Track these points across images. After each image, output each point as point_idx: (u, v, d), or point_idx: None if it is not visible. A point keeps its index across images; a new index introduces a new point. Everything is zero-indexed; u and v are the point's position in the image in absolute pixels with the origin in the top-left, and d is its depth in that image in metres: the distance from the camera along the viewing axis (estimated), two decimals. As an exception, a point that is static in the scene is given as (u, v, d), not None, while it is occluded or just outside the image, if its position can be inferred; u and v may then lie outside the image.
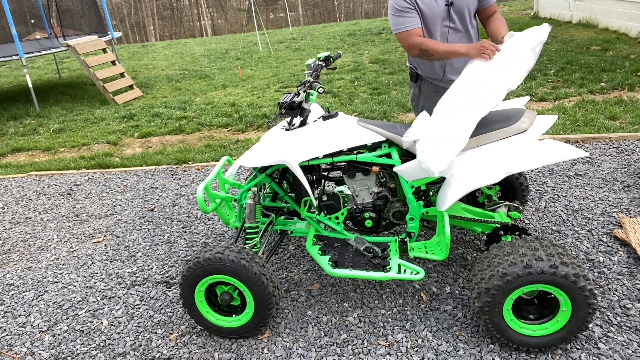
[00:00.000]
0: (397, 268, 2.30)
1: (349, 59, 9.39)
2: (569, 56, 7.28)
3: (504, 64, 2.15)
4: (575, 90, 5.80)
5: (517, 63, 2.13)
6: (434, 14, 2.55)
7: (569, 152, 2.09)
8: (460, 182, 2.19)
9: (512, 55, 2.16)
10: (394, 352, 2.21)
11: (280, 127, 2.55)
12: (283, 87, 7.76)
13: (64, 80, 10.33)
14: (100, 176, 4.76)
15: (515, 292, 1.99)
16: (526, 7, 13.49)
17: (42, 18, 10.62)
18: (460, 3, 2.55)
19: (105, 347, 2.43)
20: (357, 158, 2.41)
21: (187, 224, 3.60)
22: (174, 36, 33.75)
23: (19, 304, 2.85)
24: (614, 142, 4.19)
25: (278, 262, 3.00)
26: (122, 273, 3.06)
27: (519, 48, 2.17)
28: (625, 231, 2.85)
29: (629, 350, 2.09)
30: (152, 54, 13.31)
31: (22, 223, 3.92)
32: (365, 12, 33.62)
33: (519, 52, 2.15)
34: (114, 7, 33.45)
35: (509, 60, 2.15)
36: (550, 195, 3.44)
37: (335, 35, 12.93)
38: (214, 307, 2.34)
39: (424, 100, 2.88)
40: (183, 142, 5.64)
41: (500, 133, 2.20)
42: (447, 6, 2.54)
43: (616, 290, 2.44)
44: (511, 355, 2.12)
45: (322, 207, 2.53)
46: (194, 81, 9.01)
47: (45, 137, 6.31)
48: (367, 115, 5.76)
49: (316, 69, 2.57)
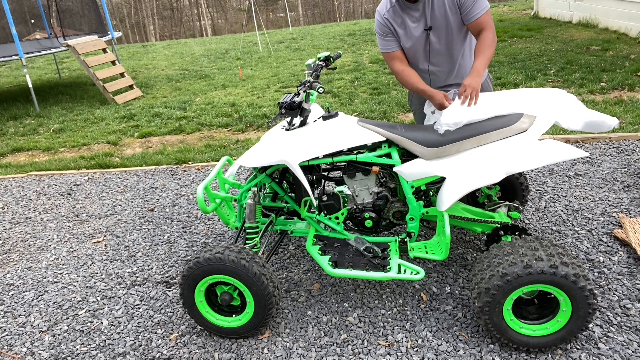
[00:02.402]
0: (397, 268, 2.30)
1: (349, 59, 9.39)
2: (569, 56, 7.28)
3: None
4: (575, 90, 5.80)
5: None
6: (414, 38, 2.59)
7: (569, 152, 2.09)
8: (460, 182, 2.19)
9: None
10: (394, 352, 2.21)
11: (280, 127, 2.55)
12: (283, 87, 7.76)
13: (64, 80, 10.33)
14: (100, 176, 4.76)
15: (515, 292, 1.99)
16: (526, 7, 13.49)
17: (42, 18, 10.62)
18: (438, 26, 2.53)
19: (105, 347, 2.43)
20: (357, 158, 2.41)
21: (187, 224, 3.60)
22: (174, 36, 33.75)
23: (19, 304, 2.85)
24: (614, 142, 4.19)
25: (278, 262, 3.00)
26: (122, 273, 3.06)
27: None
28: (625, 231, 2.85)
29: (629, 350, 2.09)
30: (152, 54, 13.31)
31: (22, 223, 3.92)
32: (365, 12, 33.61)
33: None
34: (114, 7, 33.45)
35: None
36: (550, 195, 3.44)
37: (335, 35, 12.93)
38: (214, 307, 2.34)
39: (422, 101, 2.89)
40: (183, 142, 5.64)
41: (500, 133, 2.20)
42: (425, 30, 2.56)
43: (616, 290, 2.44)
44: (511, 355, 2.12)
45: (322, 207, 2.53)
46: (194, 81, 9.01)
47: (45, 137, 6.31)
48: (367, 115, 5.76)
49: (316, 69, 2.57)
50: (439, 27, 2.53)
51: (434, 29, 2.54)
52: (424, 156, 2.30)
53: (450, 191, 2.21)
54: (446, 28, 2.53)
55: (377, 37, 2.70)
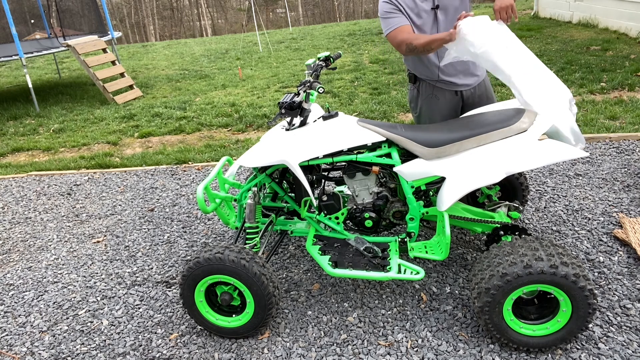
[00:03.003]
0: (397, 268, 2.30)
1: (349, 59, 9.39)
2: (569, 56, 7.28)
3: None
4: (575, 90, 5.80)
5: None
6: (423, 16, 2.60)
7: (569, 152, 2.09)
8: (460, 182, 2.19)
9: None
10: (394, 352, 2.21)
11: (280, 127, 2.55)
12: (283, 87, 7.76)
13: (64, 80, 10.33)
14: (100, 176, 4.76)
15: (515, 292, 1.99)
16: (526, 7, 13.49)
17: (42, 18, 10.62)
18: (445, 4, 2.58)
19: (105, 347, 2.43)
20: (357, 158, 2.41)
21: (187, 224, 3.60)
22: (174, 36, 33.75)
23: (19, 304, 2.85)
24: (614, 142, 4.19)
25: (278, 262, 3.00)
26: (122, 273, 3.06)
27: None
28: (625, 231, 2.85)
29: (629, 350, 2.09)
30: (152, 54, 13.31)
31: (22, 223, 3.92)
32: (365, 12, 33.61)
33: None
34: (114, 7, 33.45)
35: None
36: (550, 195, 3.44)
37: (335, 35, 12.93)
38: (214, 307, 2.34)
39: (422, 102, 2.89)
40: (183, 142, 5.64)
41: (500, 133, 2.20)
42: (432, 9, 2.59)
43: (616, 290, 2.44)
44: (511, 355, 2.12)
45: (322, 207, 2.53)
46: (194, 81, 9.01)
47: (45, 137, 6.31)
48: (367, 115, 5.76)
49: (316, 69, 2.57)
50: (446, 6, 2.58)
51: (441, 8, 2.58)
52: (424, 156, 2.30)
53: (450, 191, 2.21)
54: (454, 7, 2.59)
55: (382, 22, 2.63)
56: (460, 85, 2.77)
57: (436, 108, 2.85)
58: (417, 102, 2.95)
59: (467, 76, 2.77)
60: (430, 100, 2.84)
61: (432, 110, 2.86)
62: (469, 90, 2.81)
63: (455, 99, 2.82)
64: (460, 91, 2.80)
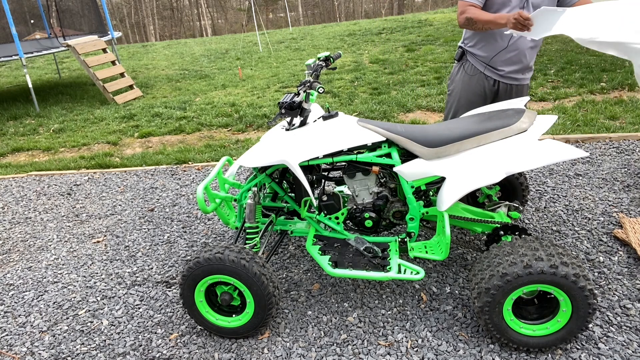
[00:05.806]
0: (397, 268, 2.30)
1: (349, 59, 9.39)
2: (569, 56, 7.27)
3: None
4: (575, 90, 5.80)
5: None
6: (511, 4, 2.60)
7: (569, 152, 2.09)
8: (460, 182, 2.19)
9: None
10: (394, 352, 2.21)
11: (280, 127, 2.55)
12: (283, 87, 7.76)
13: (64, 80, 10.33)
14: (100, 176, 4.76)
15: (515, 292, 1.99)
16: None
17: (42, 18, 10.62)
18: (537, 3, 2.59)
19: (105, 347, 2.43)
20: (357, 158, 2.41)
21: (187, 224, 3.60)
22: (174, 36, 33.76)
23: (19, 304, 2.85)
24: (614, 142, 4.19)
25: (278, 262, 3.00)
26: (122, 273, 3.06)
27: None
28: (625, 231, 2.85)
29: (629, 350, 2.09)
30: (152, 54, 13.31)
31: (22, 223, 3.92)
32: (365, 12, 33.62)
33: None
34: (114, 7, 33.45)
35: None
36: (550, 195, 3.44)
37: (335, 35, 12.93)
38: (214, 307, 2.34)
39: (459, 81, 2.91)
40: (183, 142, 5.64)
41: (500, 133, 2.20)
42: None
43: (616, 290, 2.44)
44: (511, 355, 2.12)
45: (322, 207, 2.53)
46: (194, 81, 9.01)
47: (45, 137, 6.31)
48: (367, 115, 5.76)
49: (316, 69, 2.57)
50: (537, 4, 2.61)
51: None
52: (424, 156, 2.30)
53: (450, 191, 2.21)
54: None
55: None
56: (505, 75, 2.78)
57: (470, 91, 2.87)
58: (455, 80, 2.98)
59: (518, 72, 2.79)
60: (469, 81, 2.86)
61: (463, 93, 2.90)
62: (509, 86, 2.83)
63: (491, 90, 2.85)
64: (499, 82, 2.81)
